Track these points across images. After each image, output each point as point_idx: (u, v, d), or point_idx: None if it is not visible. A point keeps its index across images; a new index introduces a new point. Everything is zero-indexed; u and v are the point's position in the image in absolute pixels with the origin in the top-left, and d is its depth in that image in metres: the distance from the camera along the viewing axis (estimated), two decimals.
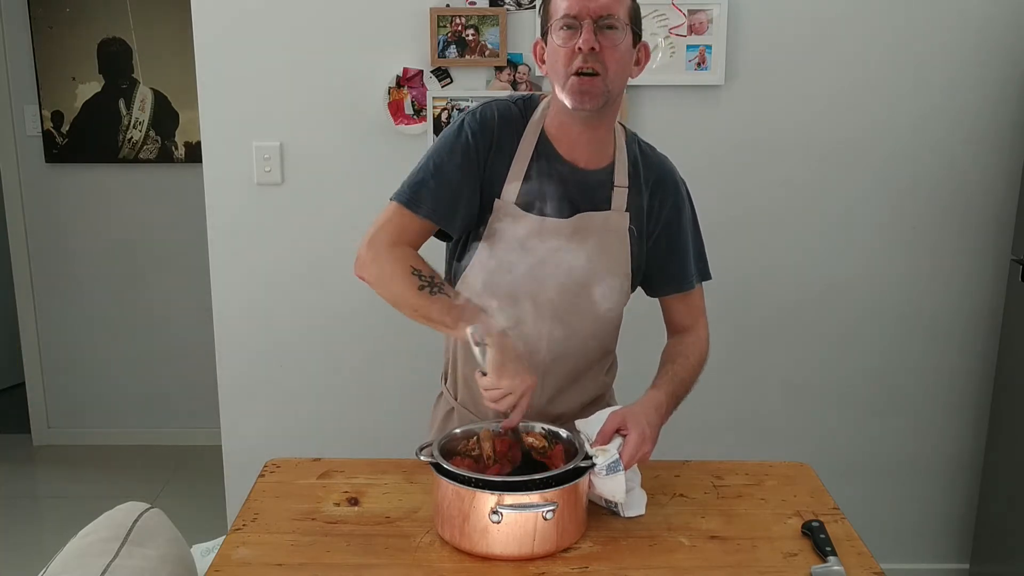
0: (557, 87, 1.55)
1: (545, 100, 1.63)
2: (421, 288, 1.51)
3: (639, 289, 1.74)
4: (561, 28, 1.50)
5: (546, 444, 1.52)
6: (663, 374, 1.64)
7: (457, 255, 1.67)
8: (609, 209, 1.62)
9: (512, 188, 1.59)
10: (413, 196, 1.57)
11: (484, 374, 1.47)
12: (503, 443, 1.51)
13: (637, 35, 1.55)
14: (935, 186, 2.64)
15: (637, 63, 1.58)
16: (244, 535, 1.46)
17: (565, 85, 1.52)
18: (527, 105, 1.63)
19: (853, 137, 2.60)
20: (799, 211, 2.64)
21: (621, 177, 1.63)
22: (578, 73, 1.50)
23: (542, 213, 1.59)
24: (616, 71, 1.52)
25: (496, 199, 1.59)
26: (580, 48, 1.48)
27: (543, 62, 1.58)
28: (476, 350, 1.46)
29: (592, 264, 1.61)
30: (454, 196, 1.57)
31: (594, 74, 1.49)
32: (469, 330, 1.46)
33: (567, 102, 1.53)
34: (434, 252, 1.68)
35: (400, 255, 1.55)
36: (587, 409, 1.68)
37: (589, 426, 1.54)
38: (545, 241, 1.59)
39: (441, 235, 1.65)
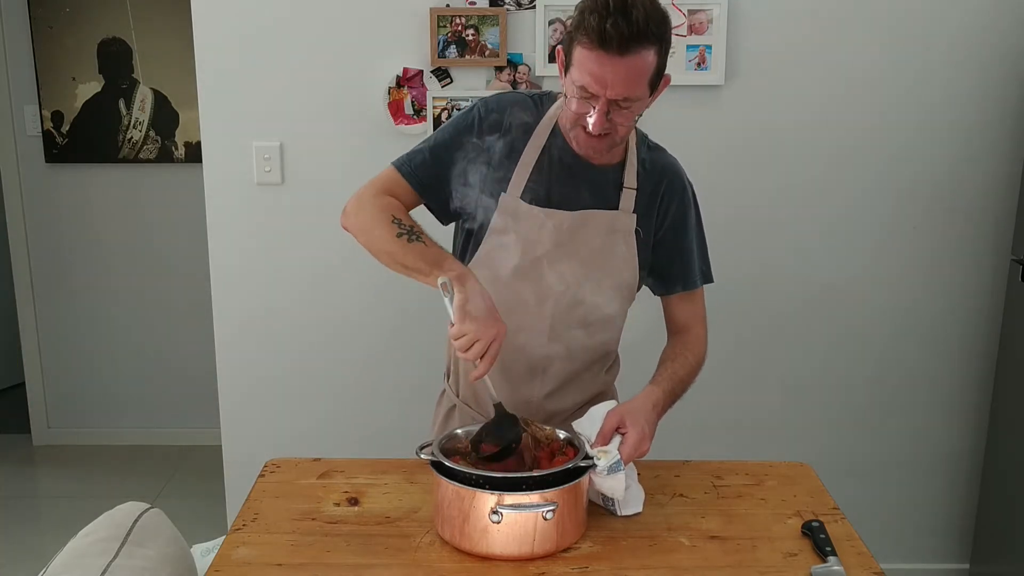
0: (565, 123, 1.55)
1: (561, 98, 1.62)
2: (399, 235, 1.51)
3: (644, 290, 1.74)
4: (576, 96, 1.47)
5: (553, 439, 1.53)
6: (662, 371, 1.65)
7: (463, 245, 1.68)
8: (617, 209, 1.62)
9: (520, 181, 1.59)
10: (406, 162, 1.61)
11: (452, 324, 1.44)
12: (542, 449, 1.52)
13: (660, 73, 1.49)
14: (935, 186, 2.64)
15: (655, 93, 1.52)
16: (244, 535, 1.46)
17: (572, 130, 1.54)
18: (543, 100, 1.64)
19: (853, 137, 2.60)
20: (799, 211, 2.64)
21: (631, 178, 1.63)
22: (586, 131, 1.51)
23: (548, 206, 1.59)
24: (627, 129, 1.53)
25: (503, 192, 1.59)
26: (590, 126, 1.48)
27: (562, 68, 1.53)
28: (445, 300, 1.45)
29: (596, 261, 1.61)
30: (443, 174, 1.59)
31: (604, 134, 1.50)
32: (440, 280, 1.45)
33: (573, 145, 1.56)
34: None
35: (383, 204, 1.56)
36: (587, 407, 1.68)
37: (585, 426, 1.54)
38: (550, 234, 1.59)
39: (439, 216, 1.66)
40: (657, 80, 1.48)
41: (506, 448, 1.48)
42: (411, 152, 1.63)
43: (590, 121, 1.48)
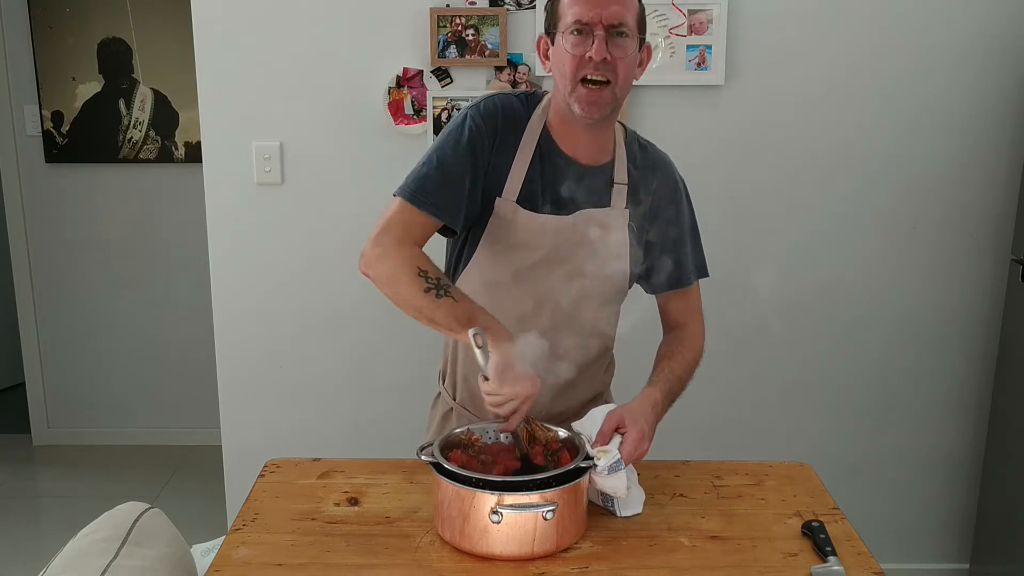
0: (564, 91, 1.54)
1: (548, 96, 1.63)
2: (427, 291, 1.48)
3: (636, 288, 1.74)
4: (571, 33, 1.49)
5: (552, 439, 1.53)
6: (659, 371, 1.64)
7: (457, 251, 1.67)
8: (609, 207, 1.62)
9: (514, 185, 1.59)
10: (417, 191, 1.54)
11: (486, 378, 1.45)
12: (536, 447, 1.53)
13: (642, 39, 1.55)
14: (935, 186, 2.64)
15: (640, 64, 1.57)
16: (244, 535, 1.46)
17: (573, 92, 1.52)
18: (530, 100, 1.63)
19: (853, 137, 2.60)
20: (799, 211, 2.64)
21: (621, 175, 1.63)
22: (587, 80, 1.50)
23: (543, 210, 1.59)
24: (625, 78, 1.52)
25: (497, 196, 1.59)
26: (591, 57, 1.48)
27: (547, 58, 1.57)
28: (478, 353, 1.44)
29: (593, 261, 1.61)
30: (457, 191, 1.56)
31: (604, 82, 1.50)
32: (471, 332, 1.44)
33: (575, 109, 1.53)
34: (434, 248, 1.68)
35: (407, 255, 1.51)
36: (586, 408, 1.68)
37: (585, 427, 1.54)
38: (546, 238, 1.59)
39: (444, 230, 1.64)
40: (642, 30, 1.53)
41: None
42: (417, 178, 1.56)
43: (591, 53, 1.47)
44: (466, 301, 1.50)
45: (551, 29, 1.54)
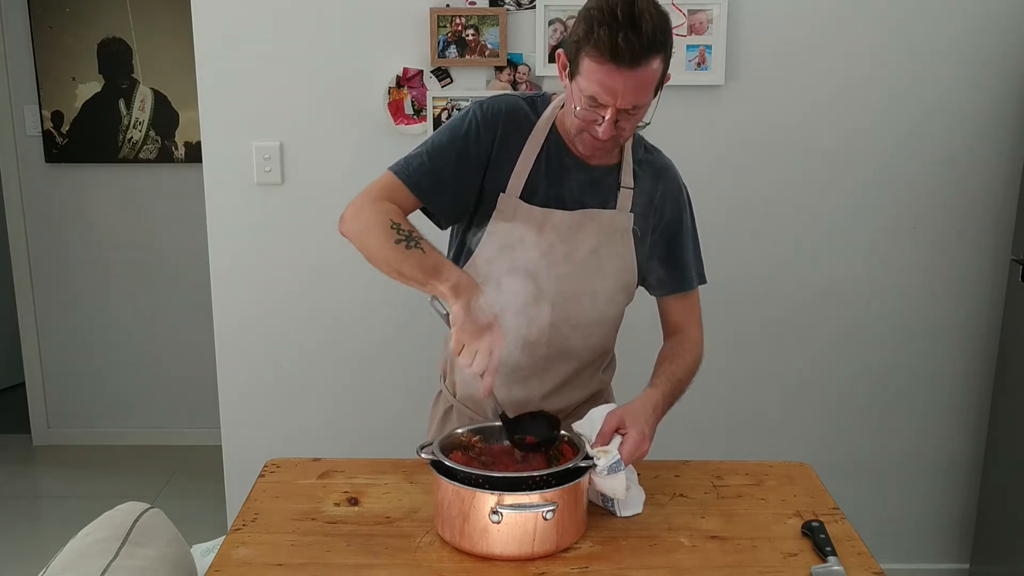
0: (570, 127, 1.56)
1: (558, 99, 1.63)
2: (397, 242, 1.49)
3: (640, 289, 1.74)
4: (586, 98, 1.47)
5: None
6: (660, 373, 1.65)
7: (458, 245, 1.68)
8: (615, 209, 1.63)
9: (518, 182, 1.59)
10: (404, 166, 1.59)
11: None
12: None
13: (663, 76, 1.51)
14: (935, 186, 2.64)
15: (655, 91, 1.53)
16: (244, 535, 1.46)
17: (578, 135, 1.55)
18: (539, 102, 1.64)
19: (853, 137, 2.60)
20: (799, 211, 2.64)
21: (627, 178, 1.64)
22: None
23: (547, 206, 1.59)
24: (631, 132, 1.54)
25: (501, 193, 1.60)
26: (599, 134, 1.49)
27: (564, 71, 1.53)
28: (435, 314, 1.44)
29: (594, 260, 1.62)
30: (442, 178, 1.58)
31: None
32: (429, 299, 1.44)
33: (577, 146, 1.57)
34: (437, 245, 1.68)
35: (382, 208, 1.53)
36: (584, 406, 1.68)
37: (585, 427, 1.54)
38: (548, 234, 1.60)
39: (439, 223, 1.66)
40: (661, 83, 1.50)
41: (544, 442, 1.49)
42: (408, 157, 1.61)
43: (599, 129, 1.49)
44: (435, 253, 1.50)
45: (572, 62, 1.48)
